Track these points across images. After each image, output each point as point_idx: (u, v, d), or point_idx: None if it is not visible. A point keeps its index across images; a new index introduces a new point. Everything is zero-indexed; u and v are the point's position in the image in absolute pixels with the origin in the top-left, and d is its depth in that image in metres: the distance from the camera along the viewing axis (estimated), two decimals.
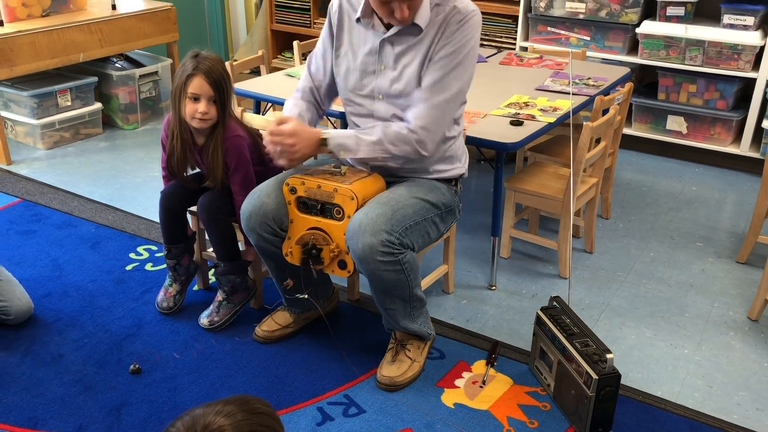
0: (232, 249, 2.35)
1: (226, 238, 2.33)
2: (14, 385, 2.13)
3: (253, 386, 2.14)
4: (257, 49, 4.74)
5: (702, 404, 2.12)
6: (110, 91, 4.20)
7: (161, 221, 2.40)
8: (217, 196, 2.29)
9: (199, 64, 2.14)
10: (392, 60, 2.06)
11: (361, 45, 2.10)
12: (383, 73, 2.08)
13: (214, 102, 2.18)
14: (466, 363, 2.26)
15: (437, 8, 2.02)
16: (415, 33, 2.02)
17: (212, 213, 2.28)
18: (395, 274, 1.97)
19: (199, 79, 2.14)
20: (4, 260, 2.65)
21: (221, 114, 2.21)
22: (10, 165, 3.73)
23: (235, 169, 2.26)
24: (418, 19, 1.99)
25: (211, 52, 2.22)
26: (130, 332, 2.38)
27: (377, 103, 2.11)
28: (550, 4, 3.97)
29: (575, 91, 2.88)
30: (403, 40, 2.04)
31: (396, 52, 2.05)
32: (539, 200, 2.71)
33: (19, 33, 3.57)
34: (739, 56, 3.56)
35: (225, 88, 2.20)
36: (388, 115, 2.10)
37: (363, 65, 2.10)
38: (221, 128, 2.23)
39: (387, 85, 2.08)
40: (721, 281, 2.78)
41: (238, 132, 2.26)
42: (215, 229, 2.31)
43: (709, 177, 3.77)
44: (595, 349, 1.96)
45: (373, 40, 2.07)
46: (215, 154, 2.24)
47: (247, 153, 2.28)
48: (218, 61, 2.20)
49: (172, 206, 2.36)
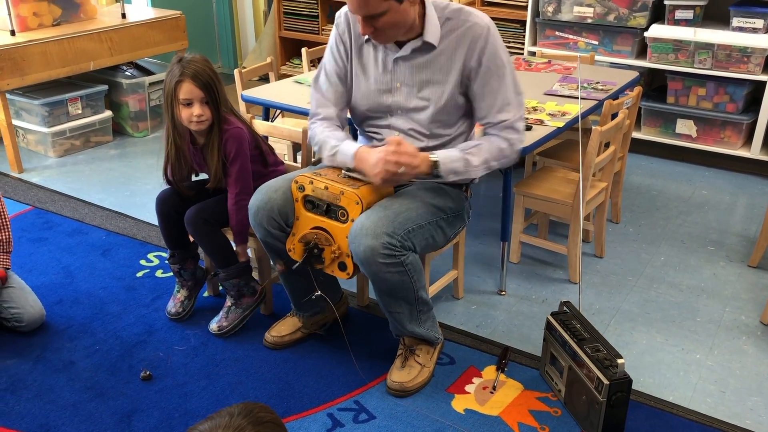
0: (227, 255, 2.35)
1: (218, 247, 2.34)
2: (26, 391, 2.14)
3: (263, 392, 2.14)
4: (266, 56, 4.77)
5: (715, 409, 2.10)
6: (120, 99, 4.23)
7: (160, 226, 2.41)
8: (202, 208, 2.30)
9: (185, 68, 2.15)
10: (409, 77, 2.08)
11: (372, 64, 2.11)
12: (399, 90, 2.10)
13: (207, 103, 2.19)
14: (477, 369, 2.26)
15: (449, 22, 2.03)
16: (428, 50, 2.04)
17: (198, 225, 2.29)
18: (398, 275, 1.97)
19: (188, 84, 2.15)
20: (16, 267, 2.66)
21: (216, 112, 2.22)
22: (22, 173, 3.76)
23: (234, 158, 2.26)
24: (429, 37, 2.02)
25: (196, 54, 2.23)
26: (141, 339, 2.39)
27: (395, 118, 2.14)
28: (558, 9, 3.97)
29: (584, 96, 2.87)
30: (418, 57, 2.06)
31: (412, 69, 2.07)
32: (549, 205, 2.70)
33: (30, 42, 3.60)
34: (748, 59, 3.55)
35: (215, 88, 2.20)
36: (405, 128, 2.13)
37: (377, 84, 2.12)
38: (217, 125, 2.24)
39: (405, 102, 2.10)
40: (733, 285, 2.76)
41: (237, 124, 2.28)
42: (204, 241, 2.33)
43: (720, 180, 3.75)
44: (605, 354, 1.95)
45: (386, 59, 2.09)
46: (213, 150, 2.25)
47: (246, 145, 2.29)
48: (203, 61, 2.20)
49: (167, 211, 2.37)
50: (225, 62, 5.64)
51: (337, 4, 4.94)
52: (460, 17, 2.03)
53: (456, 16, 2.04)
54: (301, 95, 2.88)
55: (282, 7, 5.08)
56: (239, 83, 3.11)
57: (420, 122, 2.11)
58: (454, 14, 2.04)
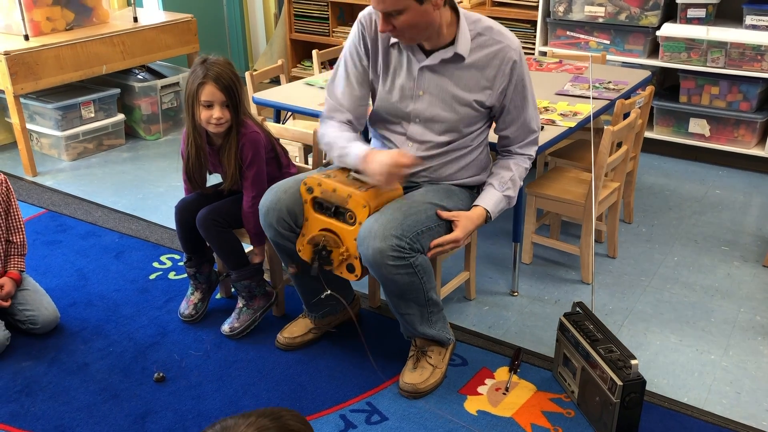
0: (238, 257, 2.36)
1: (229, 249, 2.35)
2: (41, 393, 2.16)
3: (276, 394, 2.14)
4: (277, 58, 4.78)
5: (730, 411, 2.09)
6: (132, 102, 4.26)
7: (178, 233, 2.43)
8: (213, 209, 2.31)
9: (209, 71, 2.17)
10: (432, 86, 2.08)
11: (398, 69, 2.11)
12: (421, 99, 2.10)
13: (227, 106, 2.20)
14: (489, 370, 2.25)
15: (480, 38, 2.04)
16: (457, 61, 2.05)
17: (209, 227, 2.30)
18: (408, 276, 1.97)
19: (210, 87, 2.16)
20: (30, 270, 2.69)
21: (235, 116, 2.23)
22: (36, 176, 3.79)
23: (251, 163, 2.28)
24: (460, 48, 2.02)
25: (219, 56, 2.24)
26: (155, 340, 2.40)
27: (413, 126, 2.14)
28: (569, 9, 3.96)
29: (596, 95, 2.86)
30: (445, 67, 2.06)
31: (438, 78, 2.07)
32: (561, 205, 2.69)
33: (43, 47, 3.63)
34: (762, 57, 3.52)
35: (236, 91, 2.21)
36: (422, 138, 2.13)
37: (401, 89, 2.11)
38: (235, 128, 2.25)
39: (425, 111, 2.10)
40: (748, 285, 2.74)
41: (255, 128, 2.29)
42: (215, 242, 2.34)
43: (733, 180, 3.72)
44: (619, 355, 1.94)
45: (411, 66, 2.08)
46: (230, 153, 2.26)
47: (262, 150, 2.30)
48: (226, 65, 2.21)
49: (186, 220, 2.38)
50: (236, 65, 5.60)
51: (348, 6, 4.96)
52: (493, 35, 2.04)
53: (488, 34, 2.04)
54: (312, 97, 2.89)
55: (293, 10, 5.10)
56: (250, 85, 3.12)
57: (436, 132, 2.11)
58: (486, 31, 2.05)
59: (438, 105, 2.09)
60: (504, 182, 2.17)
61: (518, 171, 2.20)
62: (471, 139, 2.16)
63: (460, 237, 2.06)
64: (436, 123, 2.11)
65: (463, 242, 2.10)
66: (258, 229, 2.28)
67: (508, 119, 2.15)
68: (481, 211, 2.12)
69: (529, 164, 2.24)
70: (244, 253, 2.39)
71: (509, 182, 2.17)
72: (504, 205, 2.18)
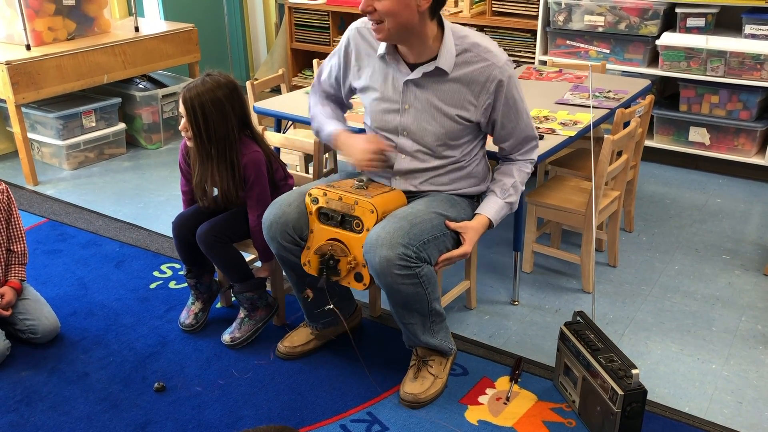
0: (240, 271, 2.36)
1: (231, 263, 2.35)
2: (41, 403, 2.16)
3: (276, 404, 2.14)
4: (278, 68, 4.80)
5: (732, 420, 2.08)
6: (134, 112, 4.27)
7: (176, 248, 2.43)
8: (213, 225, 2.31)
9: (190, 84, 2.20)
10: (417, 100, 2.08)
11: (382, 82, 2.12)
12: (407, 112, 2.11)
13: (190, 123, 2.21)
14: (490, 379, 2.25)
15: (466, 54, 2.03)
16: (440, 75, 2.05)
17: (209, 243, 2.29)
18: (413, 287, 1.97)
19: (182, 99, 2.20)
20: (31, 279, 2.69)
21: (196, 136, 2.21)
22: (37, 185, 3.80)
23: (253, 183, 2.28)
24: (442, 63, 2.01)
25: (224, 74, 2.23)
26: (155, 350, 2.40)
27: (401, 138, 2.14)
28: (569, 18, 3.97)
29: (596, 104, 2.87)
30: (429, 81, 2.06)
31: (422, 92, 2.07)
32: (561, 214, 2.70)
33: (45, 56, 3.65)
34: (761, 66, 3.53)
35: (199, 116, 2.17)
36: (412, 150, 2.13)
37: (387, 102, 2.12)
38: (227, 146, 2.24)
39: (413, 124, 2.11)
40: (749, 294, 2.73)
41: (255, 148, 2.30)
42: (216, 257, 2.34)
43: (734, 188, 3.72)
44: (620, 364, 1.94)
45: (397, 79, 2.09)
46: (222, 170, 2.26)
47: (264, 169, 2.31)
48: (212, 90, 2.17)
49: (184, 235, 2.38)
50: (237, 74, 5.68)
51: (348, 16, 4.97)
52: (479, 52, 2.03)
53: (474, 50, 2.03)
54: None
55: (293, 19, 5.12)
56: (251, 95, 3.13)
57: (426, 144, 2.12)
58: (472, 47, 2.03)
59: (424, 119, 2.09)
60: (506, 189, 2.17)
61: (520, 176, 2.20)
62: (462, 153, 2.16)
63: (468, 251, 2.09)
64: (424, 136, 2.11)
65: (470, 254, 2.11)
66: (266, 245, 2.28)
67: (503, 134, 2.15)
68: (485, 220, 2.13)
69: (531, 168, 2.24)
70: (247, 265, 2.40)
71: (511, 188, 2.18)
72: (506, 211, 2.19)
